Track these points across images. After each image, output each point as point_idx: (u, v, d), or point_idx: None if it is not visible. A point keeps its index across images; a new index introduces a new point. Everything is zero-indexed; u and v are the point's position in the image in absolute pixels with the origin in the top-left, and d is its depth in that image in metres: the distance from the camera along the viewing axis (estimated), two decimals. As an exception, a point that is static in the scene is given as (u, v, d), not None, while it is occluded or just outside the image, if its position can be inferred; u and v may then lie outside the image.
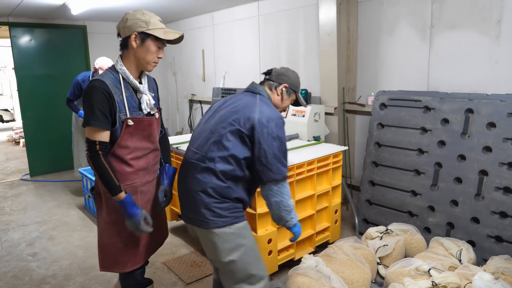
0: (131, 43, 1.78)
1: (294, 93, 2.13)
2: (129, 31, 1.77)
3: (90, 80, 1.83)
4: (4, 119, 11.42)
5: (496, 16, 2.91)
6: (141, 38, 1.78)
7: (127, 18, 1.78)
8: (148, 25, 1.77)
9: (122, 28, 1.80)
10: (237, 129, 1.80)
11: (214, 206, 1.79)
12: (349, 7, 3.80)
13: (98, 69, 4.31)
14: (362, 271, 2.51)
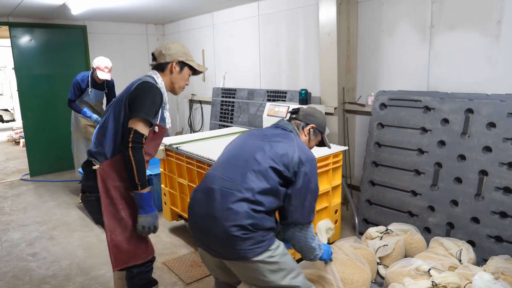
0: (171, 68, 2.05)
1: (320, 134, 2.14)
2: (171, 58, 2.04)
3: (146, 81, 1.98)
4: (4, 119, 11.41)
5: (496, 16, 2.91)
6: (180, 66, 2.07)
7: (170, 47, 2.05)
8: (187, 56, 2.09)
9: (163, 55, 2.04)
10: (278, 165, 1.78)
11: (248, 236, 1.71)
12: (349, 7, 3.80)
13: (96, 68, 4.31)
14: (362, 271, 2.51)
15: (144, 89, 1.92)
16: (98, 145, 1.98)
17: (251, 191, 1.73)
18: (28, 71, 5.67)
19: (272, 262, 1.75)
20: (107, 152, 1.95)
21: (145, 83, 1.94)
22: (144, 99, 1.89)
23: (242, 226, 1.69)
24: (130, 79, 7.01)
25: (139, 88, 1.93)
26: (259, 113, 4.86)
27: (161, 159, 3.60)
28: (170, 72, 2.06)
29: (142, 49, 6.79)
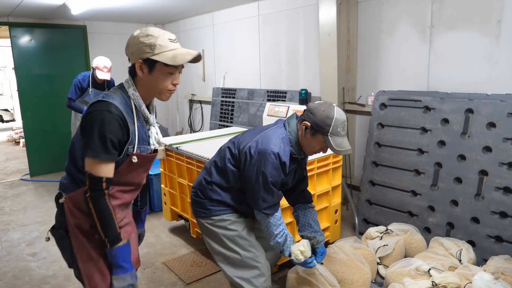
0: (138, 72, 1.51)
1: (321, 135, 1.93)
2: (134, 59, 1.50)
3: (98, 101, 1.46)
4: (4, 119, 11.42)
5: (496, 16, 2.91)
6: (147, 66, 1.48)
7: (129, 44, 1.51)
8: (154, 49, 1.45)
9: (128, 55, 1.54)
10: (234, 147, 2.04)
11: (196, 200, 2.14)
12: (349, 7, 3.80)
13: (95, 68, 4.31)
14: (362, 271, 2.51)
15: (91, 117, 1.42)
16: (66, 176, 1.65)
17: (209, 163, 2.14)
18: (28, 71, 5.67)
19: (210, 230, 2.09)
20: (69, 185, 1.60)
21: (93, 107, 1.44)
22: (91, 132, 1.42)
23: (194, 189, 2.14)
24: (130, 79, 6.77)
25: (85, 116, 1.45)
26: (259, 113, 4.86)
27: (161, 159, 3.60)
28: (140, 77, 1.52)
29: (142, 49, 6.78)
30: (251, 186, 1.95)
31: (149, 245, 3.49)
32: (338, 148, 1.91)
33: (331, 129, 1.89)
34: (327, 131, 1.89)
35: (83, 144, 1.45)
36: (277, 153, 1.90)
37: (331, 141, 1.90)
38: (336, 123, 1.89)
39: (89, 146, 1.42)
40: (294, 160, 2.04)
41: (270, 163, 1.89)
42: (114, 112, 1.43)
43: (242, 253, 2.06)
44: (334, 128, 1.89)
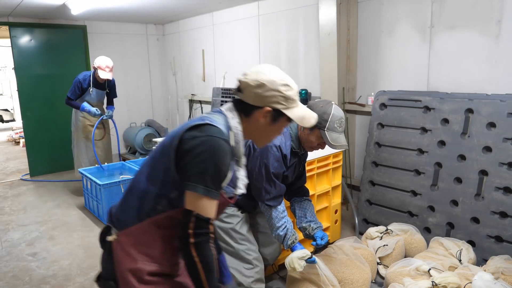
0: (258, 116, 1.33)
1: (318, 129, 1.98)
2: (261, 102, 1.31)
3: (208, 124, 1.23)
4: (4, 119, 11.42)
5: (496, 16, 2.91)
6: (272, 116, 1.33)
7: (264, 84, 1.29)
8: (288, 103, 1.33)
9: (253, 92, 1.31)
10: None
11: None
12: (349, 7, 3.80)
13: (97, 68, 4.31)
14: (362, 271, 2.51)
15: (207, 143, 1.20)
16: (120, 206, 1.38)
17: None
18: (28, 71, 5.67)
19: None
20: (128, 217, 1.32)
21: (207, 130, 1.22)
22: (204, 162, 1.19)
23: None
24: (130, 79, 6.98)
25: (197, 145, 1.20)
26: (259, 113, 4.86)
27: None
28: (256, 121, 1.34)
29: (142, 49, 6.80)
30: (255, 178, 2.02)
31: (149, 245, 3.49)
32: (334, 142, 1.96)
33: (327, 124, 1.95)
34: (324, 126, 1.95)
35: (189, 174, 1.20)
36: (278, 146, 1.99)
37: (327, 135, 1.96)
38: (333, 118, 1.96)
39: (201, 179, 1.19)
40: (295, 155, 2.12)
41: (272, 155, 1.97)
42: (228, 142, 1.26)
43: (235, 245, 2.18)
44: (330, 124, 1.95)
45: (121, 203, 1.38)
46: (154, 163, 1.33)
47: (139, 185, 1.33)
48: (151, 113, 7.06)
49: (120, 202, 1.39)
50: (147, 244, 1.29)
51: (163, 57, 7.03)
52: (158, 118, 7.08)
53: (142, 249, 1.29)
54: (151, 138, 6.06)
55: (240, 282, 2.20)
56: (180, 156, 1.22)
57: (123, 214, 1.34)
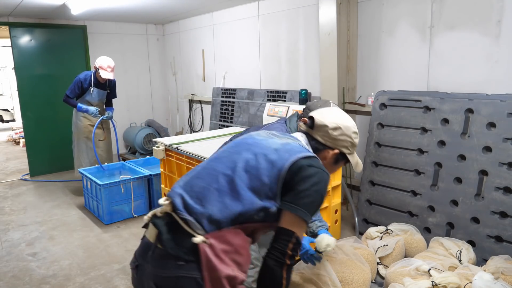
0: (325, 155, 1.50)
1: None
2: (333, 144, 1.50)
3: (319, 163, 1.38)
4: (4, 119, 11.42)
5: (496, 16, 2.91)
6: (336, 158, 1.52)
7: (340, 128, 1.49)
8: (352, 149, 1.54)
9: (328, 133, 1.48)
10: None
11: None
12: (349, 7, 3.80)
13: (99, 68, 4.32)
14: (362, 271, 2.51)
15: (320, 179, 1.32)
16: (204, 201, 1.29)
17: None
18: (28, 71, 5.67)
19: None
20: (223, 218, 1.26)
21: (317, 168, 1.34)
22: (314, 194, 1.29)
23: None
24: (130, 79, 6.97)
25: (313, 175, 1.31)
26: (259, 113, 4.86)
27: (161, 159, 3.60)
28: (322, 159, 1.48)
29: (142, 49, 6.80)
30: None
31: (149, 245, 3.49)
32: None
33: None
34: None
35: (298, 199, 1.28)
36: None
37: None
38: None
39: (310, 207, 1.29)
40: None
41: None
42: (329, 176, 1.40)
43: None
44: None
45: (207, 198, 1.29)
46: (257, 174, 1.32)
47: (238, 188, 1.29)
48: (151, 113, 7.07)
49: (202, 195, 1.30)
50: (236, 251, 1.27)
51: (163, 57, 7.03)
52: (158, 118, 7.09)
53: (232, 256, 1.26)
54: (151, 138, 6.05)
55: None
56: (295, 180, 1.29)
57: (219, 214, 1.26)
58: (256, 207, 1.27)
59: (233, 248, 1.26)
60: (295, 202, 1.27)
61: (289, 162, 1.30)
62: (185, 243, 1.22)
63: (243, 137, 1.51)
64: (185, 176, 1.44)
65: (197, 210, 1.26)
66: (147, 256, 1.30)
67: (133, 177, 4.12)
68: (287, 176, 1.29)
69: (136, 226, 3.92)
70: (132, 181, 4.09)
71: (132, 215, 4.12)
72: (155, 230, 1.30)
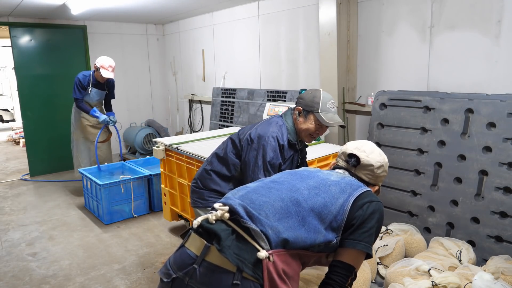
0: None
1: (312, 114, 2.07)
2: (375, 181, 1.58)
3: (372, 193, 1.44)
4: (4, 119, 11.42)
5: (496, 16, 2.91)
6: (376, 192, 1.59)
7: (384, 166, 1.56)
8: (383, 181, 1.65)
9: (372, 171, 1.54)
10: (235, 137, 2.17)
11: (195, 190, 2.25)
12: (349, 7, 3.80)
13: (99, 67, 4.32)
14: (362, 271, 2.51)
15: (379, 214, 1.36)
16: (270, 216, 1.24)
17: (211, 155, 2.27)
18: (28, 71, 5.67)
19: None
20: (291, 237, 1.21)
21: (378, 202, 1.39)
22: (376, 229, 1.34)
23: (194, 179, 2.27)
24: (130, 79, 6.98)
25: (374, 211, 1.34)
26: (259, 113, 4.86)
27: (161, 159, 3.60)
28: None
29: (142, 49, 6.80)
30: (251, 170, 2.05)
31: (149, 245, 3.49)
32: (330, 121, 2.04)
33: (320, 106, 2.05)
34: (317, 108, 2.05)
35: (360, 233, 1.29)
36: (275, 136, 2.04)
37: (322, 116, 2.04)
38: (324, 100, 2.06)
39: (371, 241, 1.31)
40: (292, 148, 2.15)
41: (269, 145, 2.02)
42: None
43: None
44: (323, 105, 2.05)
45: (274, 214, 1.24)
46: (323, 201, 1.31)
47: (305, 214, 1.27)
48: (151, 113, 7.07)
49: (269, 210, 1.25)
50: (293, 276, 1.22)
51: (163, 57, 7.03)
52: (158, 118, 7.09)
53: (290, 280, 1.21)
54: (151, 138, 6.06)
55: None
56: (358, 217, 1.31)
57: (286, 233, 1.20)
58: (319, 238, 1.26)
59: (291, 271, 1.20)
60: (361, 238, 1.29)
61: (353, 196, 1.34)
62: (246, 255, 1.14)
63: (295, 171, 1.51)
64: (235, 190, 1.39)
65: (263, 221, 1.19)
66: (190, 270, 1.18)
67: (133, 177, 4.12)
68: (351, 210, 1.31)
69: (136, 226, 3.92)
70: (132, 181, 4.09)
71: (132, 215, 4.12)
72: (201, 241, 1.19)
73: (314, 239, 1.24)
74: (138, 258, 3.25)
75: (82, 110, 4.49)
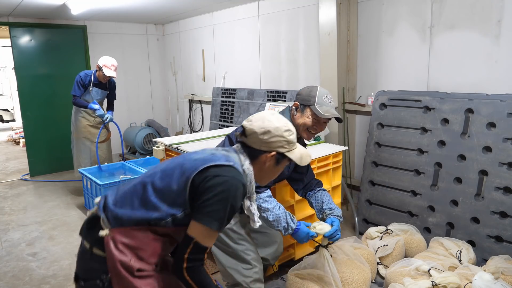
0: (264, 159, 1.51)
1: (309, 107, 2.09)
2: (266, 147, 1.49)
3: (230, 166, 1.40)
4: (4, 119, 11.42)
5: (496, 16, 2.91)
6: (276, 159, 1.52)
7: (269, 131, 1.48)
8: (290, 146, 1.53)
9: (259, 139, 1.48)
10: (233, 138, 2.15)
11: None
12: (349, 7, 3.80)
13: (102, 66, 4.32)
14: (362, 271, 2.51)
15: (227, 185, 1.36)
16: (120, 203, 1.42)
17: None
18: (28, 71, 5.67)
19: None
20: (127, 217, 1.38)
21: (228, 171, 1.39)
22: (221, 201, 1.35)
23: None
24: (130, 79, 6.98)
25: (219, 184, 1.35)
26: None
27: (161, 159, 3.60)
28: (262, 164, 1.52)
29: (142, 49, 6.80)
30: None
31: (149, 245, 3.49)
32: (326, 113, 2.06)
33: (316, 99, 2.07)
34: (314, 102, 2.07)
35: (201, 207, 1.35)
36: None
37: (318, 109, 2.06)
38: (320, 94, 2.08)
39: (211, 214, 1.34)
40: None
41: None
42: (245, 185, 1.44)
43: (233, 246, 2.19)
44: (319, 99, 2.07)
45: (122, 201, 1.43)
46: (168, 180, 1.41)
47: (147, 194, 1.40)
48: (151, 113, 7.07)
49: (120, 198, 1.44)
50: (138, 247, 1.38)
51: (163, 57, 7.03)
52: (158, 118, 7.09)
53: (133, 250, 1.38)
54: (151, 138, 6.06)
55: (238, 282, 2.19)
56: (200, 190, 1.36)
57: (122, 212, 1.40)
58: (159, 212, 1.37)
59: (134, 243, 1.37)
60: (200, 211, 1.35)
61: (196, 171, 1.37)
62: (95, 235, 1.40)
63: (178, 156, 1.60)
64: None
65: (109, 209, 1.41)
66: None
67: (133, 177, 4.12)
68: (193, 184, 1.36)
69: (136, 226, 3.92)
70: (132, 181, 4.09)
71: (132, 215, 4.12)
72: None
73: (150, 215, 1.37)
74: (138, 258, 3.25)
75: (78, 106, 4.48)
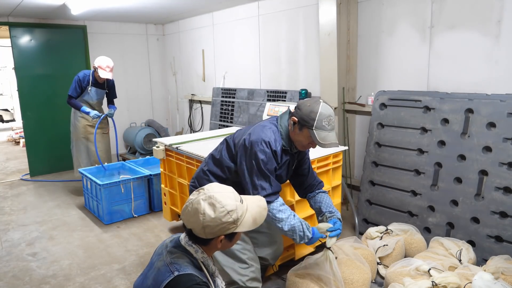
0: (215, 243, 1.47)
1: (306, 128, 1.98)
2: (213, 235, 1.44)
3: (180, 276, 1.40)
4: (4, 119, 11.41)
5: (496, 16, 2.91)
6: (229, 238, 1.48)
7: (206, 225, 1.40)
8: (237, 223, 1.44)
9: (203, 234, 1.43)
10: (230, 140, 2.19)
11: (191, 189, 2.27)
12: (349, 7, 3.80)
13: (97, 67, 4.32)
14: (362, 271, 2.51)
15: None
16: None
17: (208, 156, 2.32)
18: (28, 71, 5.67)
19: None
20: None
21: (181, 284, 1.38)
22: None
23: (193, 179, 2.30)
24: (130, 79, 6.99)
25: None
26: (259, 113, 4.86)
27: (161, 159, 3.60)
28: (215, 246, 1.49)
29: (142, 49, 6.80)
30: (248, 177, 2.03)
31: (149, 245, 3.49)
32: (323, 141, 1.96)
33: (315, 123, 1.95)
34: (312, 125, 1.95)
35: None
36: (267, 142, 2.01)
37: (315, 134, 1.96)
38: (321, 117, 1.95)
39: None
40: (286, 153, 2.13)
41: (261, 150, 2.00)
42: (205, 282, 1.42)
43: None
44: (318, 122, 1.95)
45: None
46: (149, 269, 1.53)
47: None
48: (151, 113, 7.07)
49: None
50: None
51: (163, 57, 7.03)
52: (158, 118, 7.08)
53: None
54: (151, 138, 6.06)
55: (234, 280, 2.20)
56: None
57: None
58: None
59: None
60: None
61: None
62: None
63: None
64: None
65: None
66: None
67: (133, 177, 4.12)
68: None
69: (136, 226, 3.92)
70: (132, 181, 4.09)
71: (132, 215, 4.12)
72: None
73: None
74: (138, 258, 3.25)
75: (72, 107, 4.51)
